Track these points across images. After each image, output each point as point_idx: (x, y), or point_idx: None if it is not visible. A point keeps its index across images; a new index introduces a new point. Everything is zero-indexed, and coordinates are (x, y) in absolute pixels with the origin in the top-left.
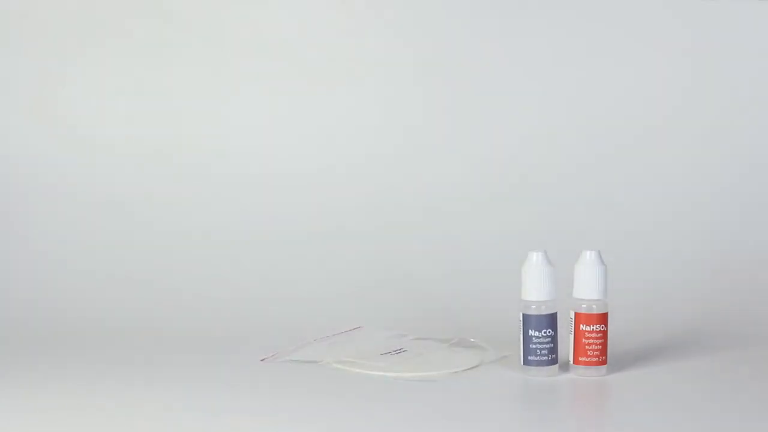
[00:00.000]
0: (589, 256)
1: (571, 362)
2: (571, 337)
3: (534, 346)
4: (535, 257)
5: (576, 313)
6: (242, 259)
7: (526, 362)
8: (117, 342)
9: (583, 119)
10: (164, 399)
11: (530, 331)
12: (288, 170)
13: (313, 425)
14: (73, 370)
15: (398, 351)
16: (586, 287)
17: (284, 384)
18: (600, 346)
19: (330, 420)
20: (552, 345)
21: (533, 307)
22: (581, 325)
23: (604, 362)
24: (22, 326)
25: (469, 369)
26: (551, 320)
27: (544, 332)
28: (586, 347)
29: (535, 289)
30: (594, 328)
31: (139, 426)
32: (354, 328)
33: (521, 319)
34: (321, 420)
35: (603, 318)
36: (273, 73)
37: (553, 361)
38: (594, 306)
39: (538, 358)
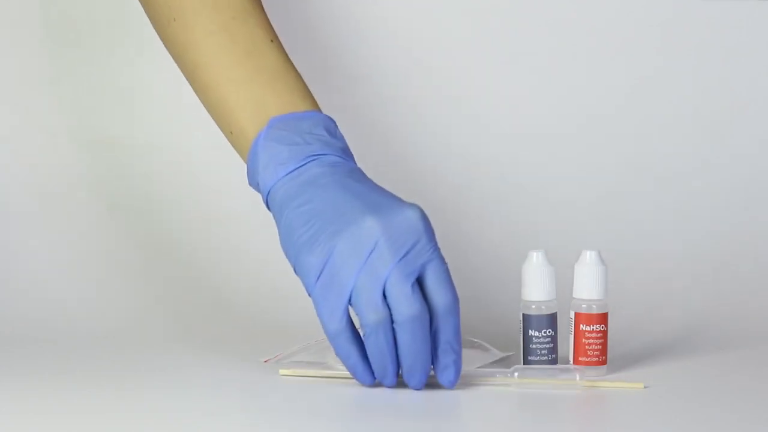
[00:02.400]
0: (589, 256)
1: (571, 362)
2: (571, 337)
3: (534, 346)
4: (535, 257)
5: (576, 313)
6: (244, 260)
7: (526, 362)
8: (117, 342)
9: (584, 119)
10: (166, 399)
11: (530, 331)
12: None
13: (313, 426)
14: (72, 370)
15: None
16: (586, 287)
17: (285, 385)
18: (600, 346)
19: (329, 420)
20: (552, 345)
21: (533, 307)
22: (581, 325)
23: (604, 362)
24: (22, 326)
25: (479, 367)
26: (551, 320)
27: (544, 332)
28: (586, 347)
29: (535, 289)
30: (594, 328)
31: (141, 426)
32: None
33: (521, 319)
34: (320, 420)
35: (603, 318)
36: None
37: (553, 361)
38: (594, 306)
39: (538, 358)
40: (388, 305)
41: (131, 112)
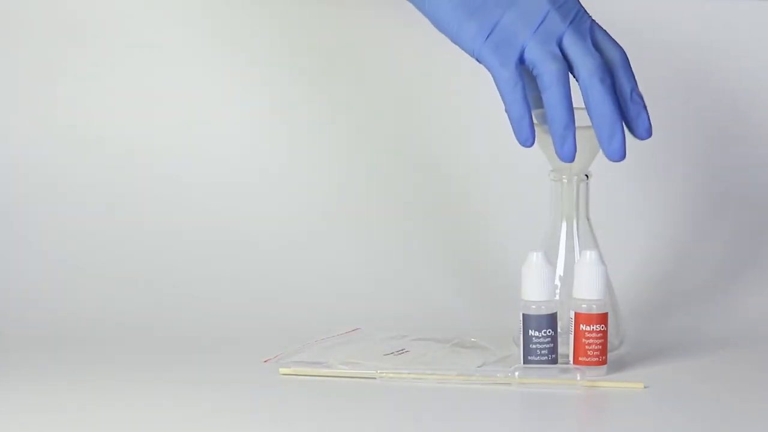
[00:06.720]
0: (589, 256)
1: (571, 362)
2: (571, 337)
3: (534, 346)
4: (535, 257)
5: (576, 313)
6: (243, 263)
7: (527, 362)
8: (117, 342)
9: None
10: (167, 399)
11: (530, 331)
12: (287, 174)
13: (313, 426)
14: (72, 370)
15: (401, 352)
16: (586, 287)
17: (285, 385)
18: (600, 346)
19: (330, 420)
20: (552, 345)
21: (533, 307)
22: (581, 325)
23: (604, 362)
24: (22, 326)
25: (480, 366)
26: (551, 320)
27: (544, 332)
28: (586, 347)
29: (535, 289)
30: (594, 328)
31: (141, 425)
32: (353, 329)
33: (521, 319)
34: (321, 420)
35: (603, 318)
36: (272, 75)
37: (553, 361)
38: (594, 306)
39: (538, 358)
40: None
41: (131, 112)
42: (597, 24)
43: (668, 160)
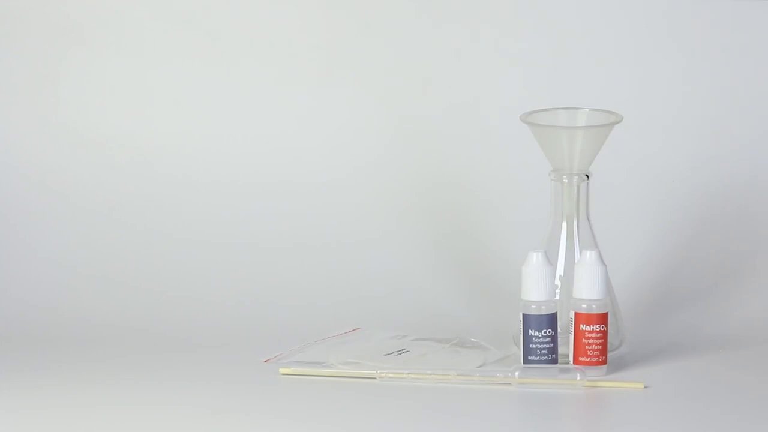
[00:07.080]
0: (589, 256)
1: (571, 362)
2: (571, 337)
3: (534, 346)
4: (535, 257)
5: (576, 313)
6: (243, 263)
7: (527, 362)
8: (117, 343)
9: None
10: (167, 398)
11: (530, 331)
12: (287, 175)
13: (313, 426)
14: (72, 369)
15: (400, 352)
16: (586, 287)
17: (285, 385)
18: (600, 346)
19: (330, 420)
20: (552, 345)
21: (533, 307)
22: (581, 325)
23: (604, 362)
24: (22, 326)
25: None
26: (551, 320)
27: (544, 332)
28: (586, 347)
29: (535, 289)
30: (594, 328)
31: (141, 425)
32: (353, 330)
33: (521, 319)
34: (321, 420)
35: (603, 318)
36: (274, 78)
37: (553, 361)
38: (594, 306)
39: (538, 358)
40: None
41: (131, 112)
42: None
43: (668, 161)
